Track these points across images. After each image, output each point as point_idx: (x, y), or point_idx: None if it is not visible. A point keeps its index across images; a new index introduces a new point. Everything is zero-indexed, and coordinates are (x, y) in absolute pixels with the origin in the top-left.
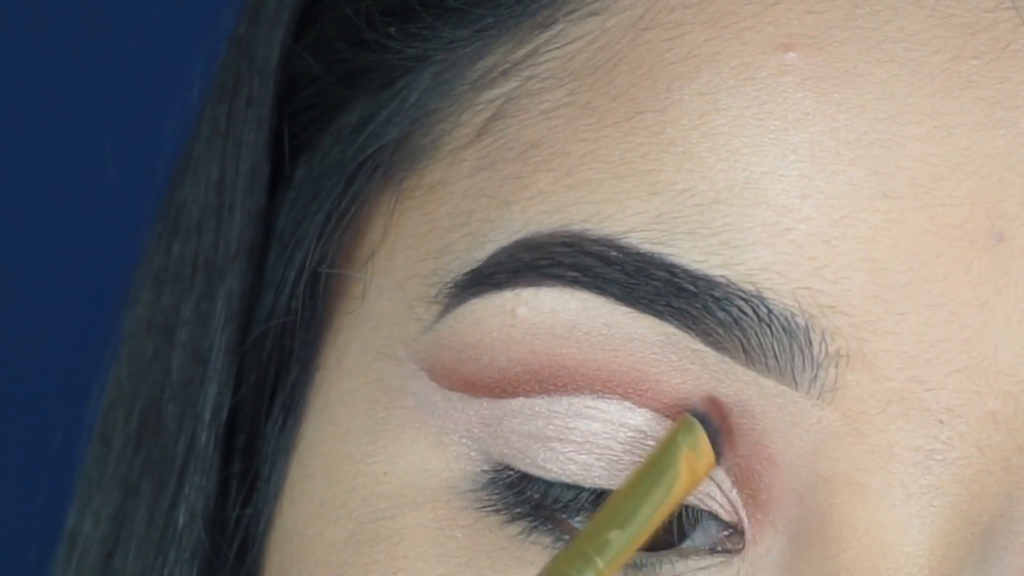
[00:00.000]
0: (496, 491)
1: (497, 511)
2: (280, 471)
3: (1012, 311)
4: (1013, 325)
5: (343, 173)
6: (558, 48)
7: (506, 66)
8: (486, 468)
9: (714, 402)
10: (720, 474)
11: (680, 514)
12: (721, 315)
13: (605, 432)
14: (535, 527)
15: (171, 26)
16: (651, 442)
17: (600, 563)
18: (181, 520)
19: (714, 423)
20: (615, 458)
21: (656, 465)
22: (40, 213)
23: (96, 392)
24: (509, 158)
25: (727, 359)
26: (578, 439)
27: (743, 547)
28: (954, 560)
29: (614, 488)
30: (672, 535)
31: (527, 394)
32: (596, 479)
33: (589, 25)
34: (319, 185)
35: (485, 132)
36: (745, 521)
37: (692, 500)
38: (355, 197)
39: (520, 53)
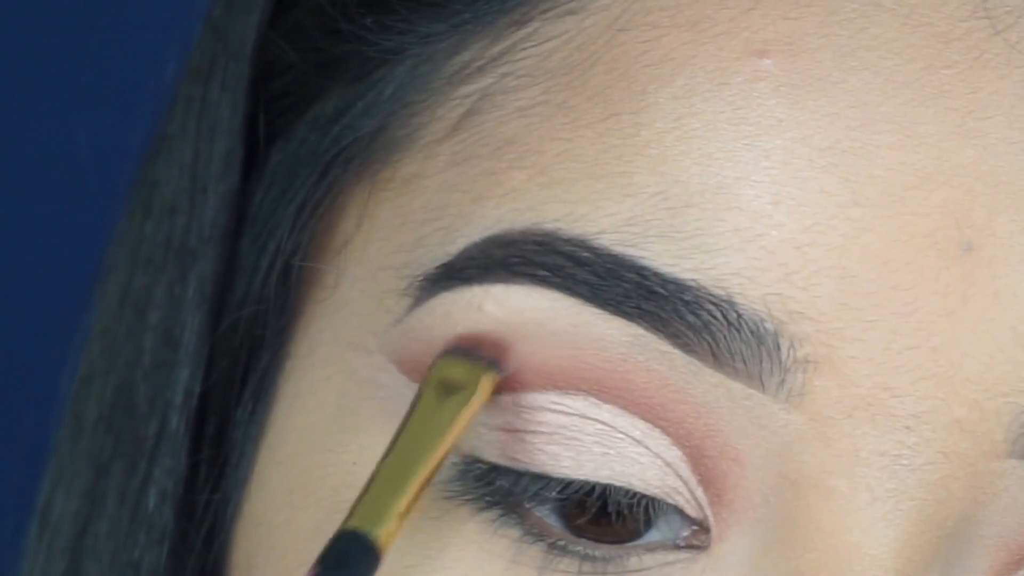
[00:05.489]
0: (466, 482)
1: (466, 501)
2: (249, 457)
3: (979, 320)
4: (980, 334)
5: (318, 163)
6: (534, 46)
7: (482, 62)
8: (456, 460)
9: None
10: (686, 471)
11: (647, 506)
12: (691, 319)
13: (573, 425)
14: (503, 518)
15: (146, 8)
16: (619, 435)
17: (400, 501)
18: (152, 502)
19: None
20: (583, 448)
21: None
22: (9, 191)
23: (68, 370)
24: (483, 154)
25: (695, 361)
26: (547, 431)
27: (709, 545)
28: (919, 563)
29: (581, 478)
30: (639, 525)
31: (495, 389)
32: (564, 468)
33: (566, 24)
34: (294, 174)
35: (460, 127)
36: (711, 519)
37: (658, 493)
38: (330, 187)
39: (496, 49)
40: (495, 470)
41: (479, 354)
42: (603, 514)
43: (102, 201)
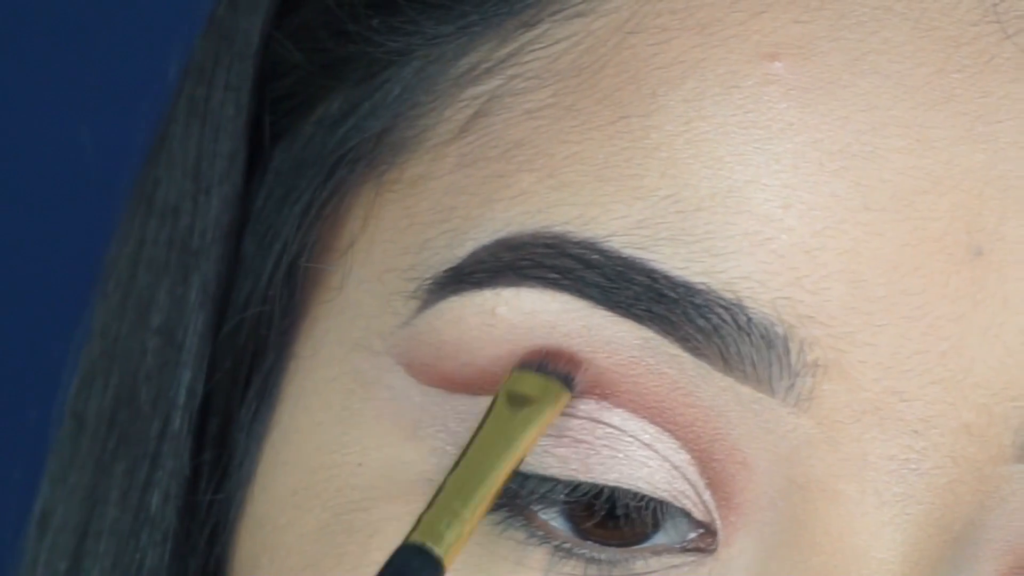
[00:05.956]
0: None
1: None
2: (252, 457)
3: (988, 325)
4: (989, 339)
5: (324, 164)
6: (543, 48)
7: (490, 64)
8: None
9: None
10: (694, 475)
11: (655, 509)
12: (701, 322)
13: (583, 428)
14: (508, 520)
15: (149, 7)
16: (628, 438)
17: (465, 513)
18: (154, 503)
19: (533, 363)
20: (592, 451)
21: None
22: (11, 191)
23: (68, 368)
24: (492, 156)
25: (705, 365)
26: (555, 433)
27: (716, 548)
28: (926, 567)
29: (588, 480)
30: (646, 528)
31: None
32: (572, 471)
33: (574, 26)
34: (299, 175)
35: (468, 129)
36: (718, 522)
37: (666, 496)
38: (336, 188)
39: (504, 51)
40: None
41: (552, 368)
42: (610, 517)
43: (105, 200)
